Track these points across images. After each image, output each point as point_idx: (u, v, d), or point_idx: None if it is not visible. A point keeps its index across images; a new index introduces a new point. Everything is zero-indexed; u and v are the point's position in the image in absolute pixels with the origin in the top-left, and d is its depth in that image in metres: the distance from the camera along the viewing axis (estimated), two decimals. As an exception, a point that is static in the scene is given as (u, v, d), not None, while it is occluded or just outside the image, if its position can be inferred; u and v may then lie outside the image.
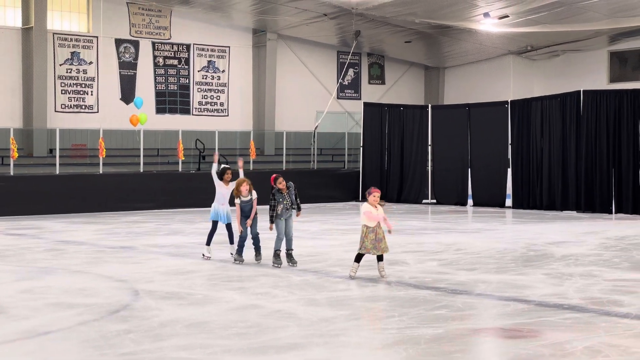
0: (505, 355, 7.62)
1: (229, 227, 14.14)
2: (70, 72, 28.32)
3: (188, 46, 31.03)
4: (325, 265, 13.40)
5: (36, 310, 9.55)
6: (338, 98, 34.13)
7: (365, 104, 30.67)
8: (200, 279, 11.88)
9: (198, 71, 31.33)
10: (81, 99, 28.61)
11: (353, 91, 35.47)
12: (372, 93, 35.50)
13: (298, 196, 13.29)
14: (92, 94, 28.81)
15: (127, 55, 29.60)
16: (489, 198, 26.89)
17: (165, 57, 30.51)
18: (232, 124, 31.58)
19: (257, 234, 13.48)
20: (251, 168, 28.39)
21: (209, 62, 31.59)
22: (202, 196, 25.96)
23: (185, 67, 31.03)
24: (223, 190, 14.15)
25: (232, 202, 13.81)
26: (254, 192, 13.46)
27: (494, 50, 33.95)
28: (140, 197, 25.19)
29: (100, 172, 25.37)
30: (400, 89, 36.63)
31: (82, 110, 28.57)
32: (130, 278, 11.86)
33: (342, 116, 33.90)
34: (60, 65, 28.14)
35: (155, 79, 30.31)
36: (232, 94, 32.24)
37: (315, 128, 31.11)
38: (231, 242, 14.09)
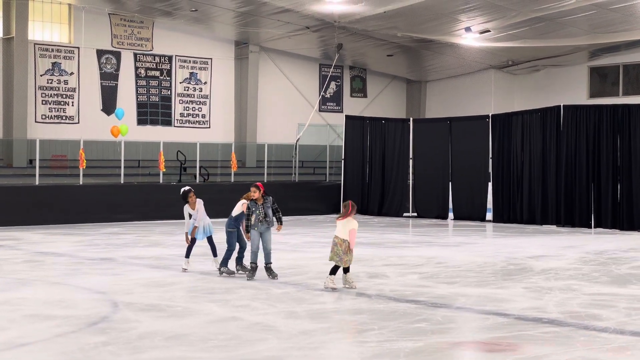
0: (484, 369, 7.63)
1: (210, 240, 14.03)
2: (51, 83, 28.20)
3: (170, 57, 30.99)
4: (306, 277, 13.38)
5: (13, 322, 9.48)
6: (320, 111, 34.19)
7: (347, 117, 30.71)
8: (181, 291, 11.83)
9: (180, 83, 31.28)
10: (62, 110, 28.47)
11: (335, 104, 35.53)
12: (354, 106, 35.57)
13: (279, 210, 13.14)
14: (73, 105, 28.68)
15: (108, 66, 29.52)
16: (470, 212, 26.97)
17: (147, 69, 30.45)
18: (214, 136, 31.53)
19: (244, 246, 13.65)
20: (232, 180, 28.36)
21: (190, 73, 31.55)
22: (182, 208, 25.93)
23: (167, 78, 30.97)
24: (194, 213, 13.97)
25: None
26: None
27: (476, 64, 34.16)
28: (120, 209, 25.08)
29: (81, 183, 25.24)
30: (382, 102, 36.74)
31: (62, 121, 28.43)
32: (109, 290, 11.80)
33: (323, 129, 33.94)
34: (41, 75, 28.01)
35: (136, 90, 30.23)
36: (214, 106, 32.21)
37: (297, 140, 31.12)
38: (214, 254, 14.00)
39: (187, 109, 31.46)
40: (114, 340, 8.51)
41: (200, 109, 31.80)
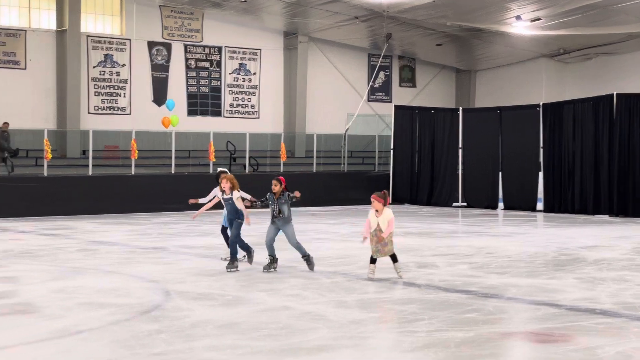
0: (536, 360, 7.58)
1: (226, 230, 13.70)
2: (103, 74, 28.59)
3: (220, 49, 31.19)
4: (355, 267, 13.38)
5: (68, 310, 9.65)
6: (369, 101, 34.11)
7: (396, 107, 30.61)
8: (231, 280, 11.92)
9: (229, 73, 31.47)
10: (114, 101, 28.87)
11: (384, 94, 35.43)
12: (403, 96, 35.43)
13: (289, 201, 12.61)
14: (124, 96, 29.06)
15: (159, 58, 29.82)
16: (520, 201, 26.72)
17: (197, 60, 30.69)
18: (263, 126, 31.67)
19: (233, 241, 12.83)
20: (281, 170, 28.47)
21: (240, 64, 31.72)
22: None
23: (217, 69, 31.18)
24: (219, 194, 13.87)
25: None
26: (235, 192, 12.71)
27: (526, 53, 33.75)
28: (171, 199, 25.33)
29: (132, 173, 25.57)
30: (431, 92, 36.54)
31: (114, 112, 28.83)
32: (161, 279, 11.94)
33: (372, 119, 33.88)
34: (94, 67, 28.42)
35: (187, 82, 30.50)
36: (263, 97, 32.35)
37: (346, 130, 31.11)
38: (228, 246, 13.59)
39: (237, 99, 31.64)
40: (166, 328, 8.62)
41: (249, 100, 31.96)
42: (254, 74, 32.13)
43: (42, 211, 22.96)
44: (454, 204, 28.73)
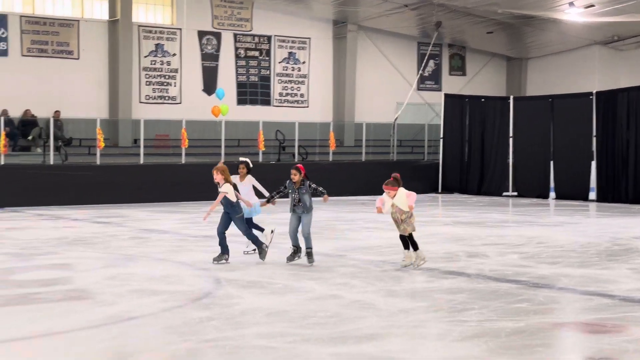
0: (588, 350, 7.49)
1: (249, 222, 13.43)
2: (154, 64, 28.87)
3: (269, 38, 31.27)
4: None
5: (121, 297, 9.79)
6: (418, 89, 33.93)
7: (446, 96, 30.41)
8: (280, 268, 11.98)
9: (279, 62, 31.55)
10: (165, 90, 29.14)
11: (433, 82, 35.21)
12: (452, 84, 35.17)
13: (317, 189, 12.42)
14: (175, 85, 29.31)
15: (209, 47, 30.01)
16: (572, 191, 26.37)
17: (246, 49, 30.82)
18: (312, 115, 31.71)
19: (246, 234, 12.55)
20: (330, 159, 28.49)
21: (289, 53, 31.77)
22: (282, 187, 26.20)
23: (266, 58, 31.28)
24: (241, 187, 13.84)
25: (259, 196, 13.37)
26: (226, 185, 12.25)
27: (579, 40, 33.23)
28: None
29: (183, 162, 25.79)
30: (481, 80, 36.21)
31: (165, 102, 29.11)
32: (211, 266, 12.04)
33: (422, 107, 33.71)
34: (145, 57, 28.70)
35: (236, 71, 30.65)
36: (312, 85, 32.37)
37: (395, 119, 31.00)
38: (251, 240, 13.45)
39: (286, 88, 31.71)
40: (217, 315, 8.70)
41: (298, 89, 32.01)
42: (303, 63, 32.15)
43: (95, 199, 23.29)
44: (505, 194, 28.47)
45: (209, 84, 29.79)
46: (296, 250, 12.31)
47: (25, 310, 9.15)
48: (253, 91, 31.08)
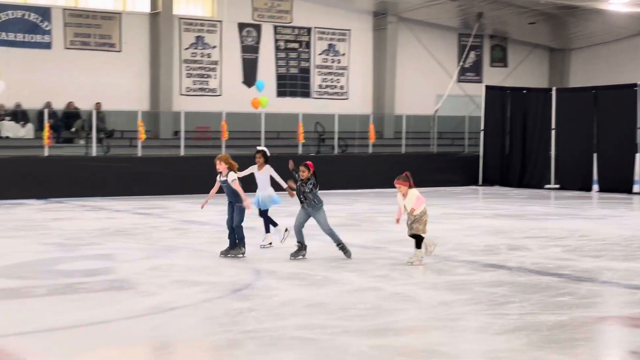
0: (632, 344, 7.39)
1: (264, 214, 13.47)
2: (194, 56, 29.03)
3: (309, 30, 31.26)
4: (444, 249, 13.27)
5: (162, 287, 9.88)
6: (459, 81, 33.69)
7: (487, 87, 30.17)
8: (320, 260, 11.99)
9: (318, 54, 31.53)
10: (205, 83, 29.29)
11: (474, 74, 34.94)
12: (493, 76, 34.86)
13: (312, 189, 11.98)
14: (215, 78, 29.45)
15: (249, 39, 30.09)
16: (616, 184, 26.01)
17: (286, 41, 30.84)
18: (352, 107, 31.65)
19: (237, 226, 12.08)
20: (370, 151, 28.44)
21: (329, 45, 31.74)
22: (321, 178, 26.20)
23: (306, 50, 31.28)
24: (257, 175, 13.79)
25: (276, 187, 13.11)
26: (232, 174, 12.09)
27: (623, 30, 32.71)
28: (261, 179, 25.53)
29: (223, 154, 25.88)
30: (523, 72, 35.83)
31: (205, 94, 29.25)
32: (251, 258, 12.09)
33: (462, 99, 33.47)
34: (186, 49, 28.86)
35: (276, 63, 30.69)
36: (352, 77, 32.32)
37: (435, 111, 30.83)
38: (266, 230, 13.43)
39: (326, 80, 31.69)
40: (257, 306, 8.74)
41: (338, 81, 31.98)
42: (343, 54, 32.10)
43: (136, 191, 23.49)
44: (546, 186, 28.18)
45: (249, 76, 29.87)
46: (301, 246, 12.00)
47: (70, 299, 9.28)
48: (293, 83, 31.10)
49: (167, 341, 7.40)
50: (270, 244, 13.17)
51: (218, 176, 12.21)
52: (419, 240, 11.61)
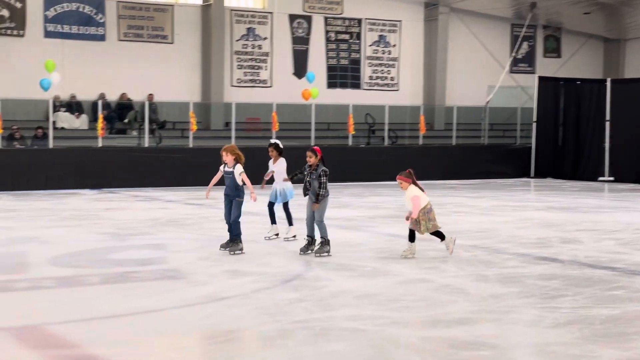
0: (687, 341, 7.27)
1: (285, 206, 13.31)
2: (245, 48, 29.17)
3: (359, 21, 31.19)
4: (495, 241, 13.19)
5: (213, 277, 9.97)
6: (511, 72, 33.33)
7: (540, 78, 29.81)
8: (370, 251, 11.99)
9: (369, 46, 31.45)
10: (256, 74, 29.42)
11: (527, 65, 34.53)
12: (547, 67, 34.42)
13: (323, 186, 11.59)
14: (266, 69, 29.56)
15: (300, 31, 30.13)
16: (672, 176, 25.54)
17: (337, 32, 30.82)
18: (402, 99, 31.53)
19: (235, 221, 11.67)
20: (420, 143, 28.31)
21: (380, 36, 31.63)
22: (371, 170, 26.19)
23: (357, 41, 31.22)
24: (272, 168, 13.73)
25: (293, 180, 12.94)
26: (239, 166, 11.86)
27: (680, 20, 32.07)
28: (311, 170, 25.57)
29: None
30: (577, 63, 35.32)
31: (256, 85, 29.38)
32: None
33: (514, 90, 33.11)
34: (237, 40, 29.02)
35: (326, 54, 30.69)
36: (403, 68, 32.18)
37: (487, 103, 30.56)
38: (290, 223, 13.25)
39: (376, 71, 31.61)
40: (307, 297, 8.78)
41: (389, 72, 31.87)
42: (394, 45, 31.97)
43: (188, 181, 23.69)
44: (600, 178, 27.78)
45: (300, 68, 29.92)
46: (311, 240, 11.56)
47: (124, 288, 9.42)
48: (343, 74, 31.08)
49: (218, 330, 7.47)
50: (295, 236, 13.01)
51: (222, 166, 11.96)
52: (440, 236, 11.31)
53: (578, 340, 7.11)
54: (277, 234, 13.25)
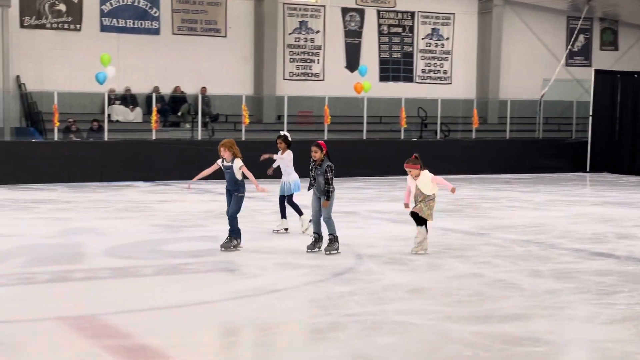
0: None
1: (289, 200, 13.29)
2: (298, 41, 29.21)
3: (412, 14, 31.02)
4: (550, 236, 13.02)
5: (265, 269, 10.01)
6: (567, 65, 32.85)
7: (597, 72, 29.33)
8: (422, 245, 11.91)
9: (422, 39, 31.26)
10: (308, 67, 29.45)
11: (583, 58, 34.00)
12: (603, 60, 33.84)
13: (330, 182, 11.36)
14: (318, 62, 29.56)
15: (352, 24, 30.07)
16: None
17: (389, 25, 30.69)
18: (455, 92, 31.29)
19: (232, 216, 11.41)
20: (473, 137, 28.08)
21: (432, 29, 31.42)
22: (427, 164, 26.01)
23: (409, 34, 31.05)
24: (279, 161, 13.62)
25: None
26: (237, 161, 11.68)
27: None
28: (362, 164, 25.58)
29: (325, 138, 26.00)
30: (635, 56, 34.64)
31: (308, 78, 29.42)
32: (352, 242, 12.12)
33: (570, 84, 32.63)
34: (289, 34, 29.07)
35: (379, 47, 30.59)
36: (456, 62, 31.92)
37: (542, 96, 30.17)
38: (299, 214, 13.24)
39: (429, 65, 31.41)
40: (359, 290, 8.77)
41: (441, 65, 31.65)
42: (447, 39, 31.73)
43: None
44: (658, 174, 27.26)
45: (352, 61, 29.88)
46: (318, 238, 11.21)
47: (176, 279, 9.52)
48: (395, 68, 30.95)
49: (271, 322, 7.50)
50: (287, 229, 13.05)
51: (220, 160, 11.79)
52: (421, 223, 11.03)
53: (633, 337, 6.99)
54: (286, 229, 13.20)
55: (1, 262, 10.31)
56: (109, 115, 24.41)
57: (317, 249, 11.16)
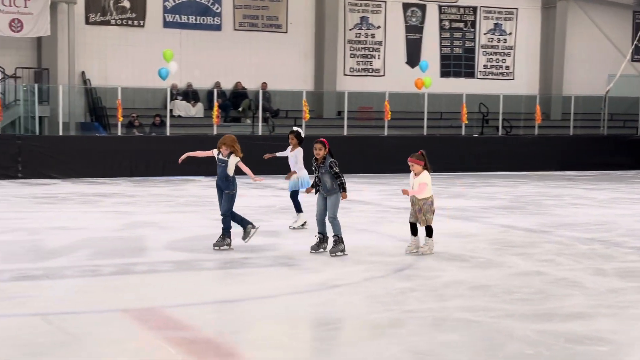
0: None
1: (294, 194, 13.19)
2: (359, 37, 29.19)
3: (474, 9, 30.73)
4: (614, 235, 12.78)
5: (326, 265, 10.02)
6: (633, 60, 32.21)
7: (663, 67, 28.72)
8: (483, 242, 11.82)
9: (484, 34, 30.96)
10: (368, 63, 29.40)
11: (649, 53, 33.32)
12: (671, 55, 33.14)
13: (339, 175, 10.99)
14: (379, 58, 29.50)
15: (413, 19, 29.93)
16: None
17: (451, 21, 30.47)
18: (517, 88, 30.93)
19: (224, 214, 11.14)
20: (536, 133, 27.72)
21: (495, 24, 31.10)
22: (485, 160, 25.81)
23: (471, 30, 30.78)
24: (290, 159, 13.42)
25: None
26: (234, 157, 11.46)
27: None
28: (423, 160, 25.39)
29: (385, 134, 25.95)
30: (703, 50, 33.84)
31: (369, 74, 29.37)
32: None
33: (636, 80, 32.00)
34: (350, 29, 29.06)
35: (440, 43, 30.40)
36: (518, 57, 31.55)
37: (607, 92, 29.63)
38: (298, 210, 13.13)
39: (491, 60, 31.11)
40: (419, 287, 8.72)
41: (504, 61, 31.31)
42: (510, 34, 31.37)
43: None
44: None
45: (413, 57, 29.74)
46: (322, 238, 10.81)
47: (237, 273, 9.60)
48: (457, 63, 30.72)
49: (331, 317, 7.51)
50: (304, 225, 12.94)
51: (216, 152, 11.55)
52: (415, 228, 10.81)
53: (703, 339, 6.83)
54: (304, 223, 13.07)
55: (66, 255, 10.52)
56: (171, 111, 24.72)
57: (321, 250, 10.81)
